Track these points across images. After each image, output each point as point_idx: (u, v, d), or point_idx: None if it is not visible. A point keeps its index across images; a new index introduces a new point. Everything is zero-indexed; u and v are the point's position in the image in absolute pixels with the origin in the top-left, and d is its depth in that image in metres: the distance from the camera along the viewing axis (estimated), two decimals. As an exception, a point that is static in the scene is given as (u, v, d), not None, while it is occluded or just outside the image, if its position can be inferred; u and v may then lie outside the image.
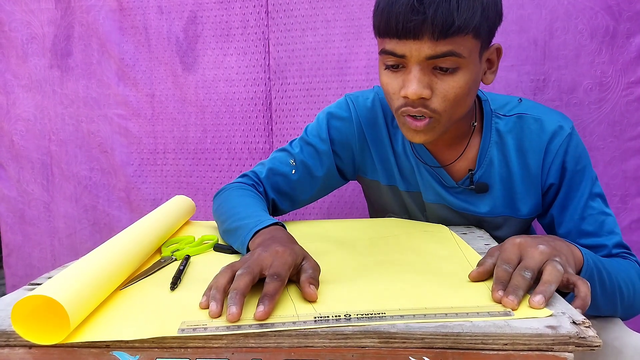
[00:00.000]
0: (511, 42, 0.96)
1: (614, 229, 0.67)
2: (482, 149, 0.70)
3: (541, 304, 0.42)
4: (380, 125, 0.74)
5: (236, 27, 1.07)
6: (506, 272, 0.46)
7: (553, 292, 0.44)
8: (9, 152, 1.20)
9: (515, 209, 0.71)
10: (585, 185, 0.68)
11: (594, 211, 0.67)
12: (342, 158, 0.76)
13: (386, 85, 0.62)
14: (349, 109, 0.74)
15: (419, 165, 0.72)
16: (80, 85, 1.14)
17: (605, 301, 0.58)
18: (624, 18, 0.92)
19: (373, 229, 0.72)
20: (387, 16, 0.57)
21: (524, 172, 0.69)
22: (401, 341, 0.39)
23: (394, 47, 0.58)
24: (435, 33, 0.55)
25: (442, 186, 0.72)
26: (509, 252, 0.48)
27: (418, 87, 0.58)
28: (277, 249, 0.48)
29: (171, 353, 0.40)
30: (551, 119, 0.68)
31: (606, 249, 0.66)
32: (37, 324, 0.40)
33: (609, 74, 0.94)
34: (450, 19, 0.55)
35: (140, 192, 1.15)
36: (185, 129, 1.12)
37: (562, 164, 0.67)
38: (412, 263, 0.56)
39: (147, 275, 0.54)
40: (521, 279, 0.44)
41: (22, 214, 1.22)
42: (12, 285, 1.26)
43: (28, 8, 1.13)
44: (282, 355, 0.40)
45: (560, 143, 0.67)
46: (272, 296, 0.42)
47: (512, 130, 0.69)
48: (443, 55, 0.57)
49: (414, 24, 0.55)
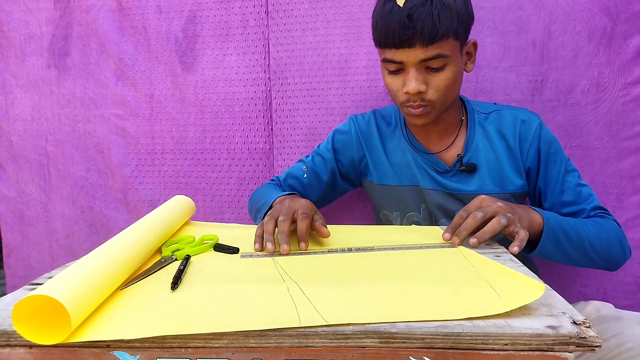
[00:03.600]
0: (510, 43, 0.97)
1: (590, 196, 0.81)
2: (468, 138, 0.85)
3: (474, 244, 0.60)
4: (374, 135, 0.90)
5: (236, 27, 1.07)
6: (461, 218, 0.64)
7: (485, 238, 0.60)
8: (7, 152, 1.19)
9: (503, 186, 0.83)
10: (560, 165, 0.81)
11: (571, 184, 0.81)
12: (343, 163, 0.93)
13: (390, 84, 0.78)
14: (350, 125, 0.92)
15: (415, 158, 0.86)
16: (77, 85, 1.14)
17: (576, 254, 0.71)
18: (621, 19, 0.92)
19: (375, 234, 0.72)
20: (384, 32, 0.72)
21: (508, 154, 0.82)
22: (401, 341, 0.39)
23: (393, 55, 0.74)
24: (425, 41, 0.70)
25: (437, 172, 0.85)
26: (472, 204, 0.65)
27: (416, 84, 0.73)
28: (301, 200, 0.70)
29: (171, 353, 0.40)
30: (522, 112, 0.84)
31: (585, 212, 0.80)
32: (38, 324, 0.40)
33: (606, 74, 0.94)
34: (434, 29, 0.69)
35: (137, 192, 1.15)
36: (184, 129, 1.12)
37: (537, 150, 0.81)
38: (412, 264, 0.56)
39: (148, 275, 0.54)
40: (471, 220, 0.62)
41: (21, 214, 1.21)
42: (12, 286, 1.25)
43: (26, 8, 1.13)
44: (283, 355, 0.40)
45: (534, 131, 0.81)
46: (304, 232, 0.62)
47: (492, 122, 0.85)
48: (433, 57, 0.72)
49: (407, 36, 0.70)
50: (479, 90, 0.99)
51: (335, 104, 1.04)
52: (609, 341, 0.66)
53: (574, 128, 0.97)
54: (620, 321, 0.68)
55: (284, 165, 1.08)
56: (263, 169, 1.10)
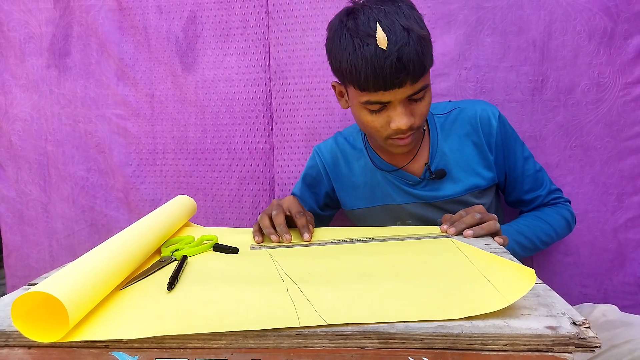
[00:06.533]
0: (510, 43, 0.97)
1: (544, 181, 0.88)
2: (432, 145, 0.85)
3: (469, 235, 0.66)
4: (339, 164, 0.91)
5: (236, 27, 1.07)
6: (459, 215, 0.70)
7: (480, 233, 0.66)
8: (7, 152, 1.19)
9: (480, 179, 0.84)
10: (520, 154, 0.86)
11: (530, 172, 0.87)
12: (320, 195, 0.94)
13: (371, 123, 0.75)
14: (315, 159, 0.93)
15: (384, 176, 0.87)
16: (78, 85, 1.14)
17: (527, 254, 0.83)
18: (621, 19, 0.92)
19: (373, 231, 0.73)
20: (372, 78, 0.68)
21: (475, 149, 0.84)
22: (400, 342, 0.39)
23: (380, 97, 0.70)
24: (415, 79, 0.69)
25: (409, 185, 0.86)
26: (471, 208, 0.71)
27: (408, 120, 0.72)
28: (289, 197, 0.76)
29: (170, 353, 0.40)
30: (480, 106, 0.85)
31: (541, 197, 0.88)
32: (36, 322, 0.40)
33: (607, 74, 0.94)
34: (422, 66, 0.69)
35: (138, 192, 1.15)
36: (185, 129, 1.12)
37: (501, 143, 0.84)
38: (410, 261, 0.56)
39: (147, 275, 0.54)
40: (470, 217, 0.68)
41: (21, 214, 1.21)
42: (12, 286, 1.25)
43: (26, 8, 1.13)
44: (282, 355, 0.40)
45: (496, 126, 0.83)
46: (306, 225, 0.68)
47: (452, 121, 0.85)
48: (419, 91, 0.71)
49: (400, 79, 0.68)
50: (479, 90, 0.99)
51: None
52: (621, 347, 0.66)
53: (574, 128, 0.97)
54: (631, 327, 0.69)
55: (284, 165, 1.08)
56: (263, 169, 1.10)
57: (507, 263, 0.52)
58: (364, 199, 0.89)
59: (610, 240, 0.98)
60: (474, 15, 0.97)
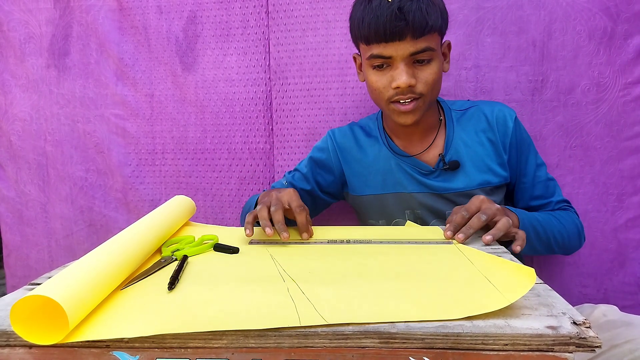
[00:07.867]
0: (510, 42, 0.97)
1: (556, 190, 0.88)
2: (448, 136, 0.86)
3: (489, 241, 0.62)
4: (351, 148, 0.91)
5: (236, 27, 1.07)
6: (462, 218, 0.66)
7: (499, 236, 0.63)
8: (7, 152, 1.19)
9: (492, 175, 0.84)
10: (533, 160, 0.86)
11: (541, 178, 0.86)
12: (325, 177, 0.93)
13: (375, 82, 0.77)
14: (327, 141, 0.93)
15: (398, 163, 0.87)
16: (77, 85, 1.14)
17: (541, 246, 0.78)
18: (621, 19, 0.92)
19: (375, 234, 0.72)
20: (374, 26, 0.72)
21: (490, 146, 0.84)
22: (401, 341, 0.39)
23: (382, 50, 0.74)
24: (415, 34, 0.72)
25: (421, 174, 0.86)
26: (472, 204, 0.67)
27: (407, 78, 0.74)
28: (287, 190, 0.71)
29: (171, 353, 0.40)
30: (498, 107, 0.86)
31: (551, 204, 0.87)
32: (35, 324, 0.40)
33: (607, 74, 0.94)
34: (424, 22, 0.71)
35: (137, 192, 1.15)
36: (184, 129, 1.12)
37: (516, 145, 0.85)
38: (411, 262, 0.56)
39: (147, 275, 0.54)
40: (477, 220, 0.64)
41: (20, 214, 1.21)
42: (12, 286, 1.25)
43: (26, 8, 1.13)
44: (282, 355, 0.40)
45: (512, 127, 0.84)
46: (306, 224, 0.67)
47: (470, 118, 0.86)
48: (422, 50, 0.73)
49: (398, 28, 0.71)
50: (479, 90, 0.99)
51: (335, 104, 1.04)
52: (622, 347, 0.66)
53: (574, 128, 0.97)
54: (631, 327, 0.69)
55: (284, 165, 1.08)
56: (263, 169, 1.10)
57: (507, 263, 0.52)
58: (374, 186, 0.89)
59: (610, 240, 0.98)
60: (474, 16, 0.97)
